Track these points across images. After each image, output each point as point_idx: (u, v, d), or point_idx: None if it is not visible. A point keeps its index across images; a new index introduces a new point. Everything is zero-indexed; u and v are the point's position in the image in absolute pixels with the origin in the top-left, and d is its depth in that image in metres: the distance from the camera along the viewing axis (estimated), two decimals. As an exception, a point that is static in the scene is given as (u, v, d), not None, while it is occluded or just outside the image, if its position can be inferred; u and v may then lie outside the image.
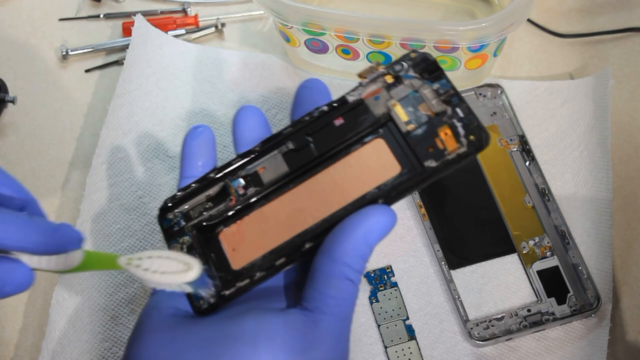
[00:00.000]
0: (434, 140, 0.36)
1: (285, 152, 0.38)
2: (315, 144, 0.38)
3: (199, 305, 0.36)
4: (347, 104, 0.38)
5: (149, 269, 0.34)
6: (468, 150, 0.35)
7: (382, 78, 0.39)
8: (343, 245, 0.33)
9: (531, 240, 0.52)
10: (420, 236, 0.53)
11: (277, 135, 0.39)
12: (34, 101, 0.60)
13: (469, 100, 0.57)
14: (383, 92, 0.38)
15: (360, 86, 0.39)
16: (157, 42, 0.60)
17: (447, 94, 0.37)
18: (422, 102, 0.37)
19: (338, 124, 0.38)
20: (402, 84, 0.38)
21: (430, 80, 0.38)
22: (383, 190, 0.36)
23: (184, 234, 0.38)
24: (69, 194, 0.56)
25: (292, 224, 0.37)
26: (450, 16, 0.62)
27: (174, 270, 0.34)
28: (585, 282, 0.50)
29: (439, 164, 0.35)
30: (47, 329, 0.50)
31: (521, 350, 0.49)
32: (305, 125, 0.39)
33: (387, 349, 0.49)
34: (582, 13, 0.63)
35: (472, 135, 0.35)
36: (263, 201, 0.38)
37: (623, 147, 0.56)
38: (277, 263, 0.36)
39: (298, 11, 0.52)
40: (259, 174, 0.38)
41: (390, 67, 0.39)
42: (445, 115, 0.36)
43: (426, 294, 0.51)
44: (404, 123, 0.37)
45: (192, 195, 0.39)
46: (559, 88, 0.58)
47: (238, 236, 0.38)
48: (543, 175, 0.54)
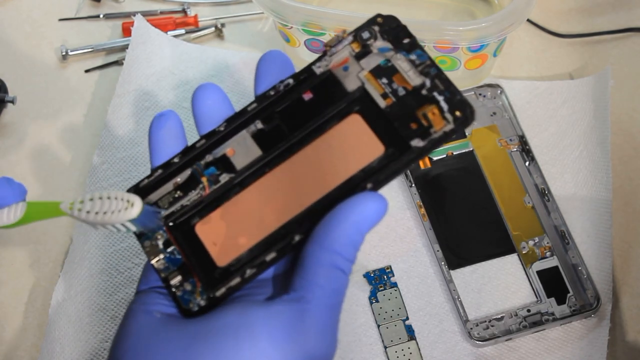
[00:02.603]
0: (416, 116, 0.33)
1: (254, 133, 0.35)
2: (285, 122, 0.35)
3: (187, 308, 0.34)
4: (315, 76, 0.36)
5: (91, 211, 0.33)
6: (455, 127, 0.33)
7: (349, 46, 0.36)
8: (334, 234, 0.32)
9: (531, 241, 0.52)
10: (420, 236, 0.53)
11: (242, 112, 0.36)
12: (34, 101, 0.60)
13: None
14: (351, 62, 0.35)
15: (326, 56, 0.36)
16: (157, 42, 0.60)
17: (423, 64, 0.34)
18: (395, 72, 0.35)
19: (307, 98, 0.35)
20: (371, 52, 0.35)
21: (402, 49, 0.35)
22: (370, 174, 0.33)
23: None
24: (69, 194, 0.56)
25: (274, 212, 0.34)
26: (450, 16, 0.62)
27: (117, 209, 0.32)
28: (585, 282, 0.50)
29: (426, 143, 0.33)
30: (47, 329, 0.50)
31: (521, 350, 0.49)
32: (271, 101, 0.36)
33: (387, 349, 0.49)
34: (582, 13, 0.63)
35: (457, 111, 0.33)
36: (238, 188, 0.35)
37: (623, 147, 0.56)
38: (267, 258, 0.34)
39: (298, 11, 0.52)
40: (229, 157, 0.35)
41: (357, 34, 0.36)
42: (424, 88, 0.34)
43: (426, 294, 0.51)
44: (380, 96, 0.34)
45: (158, 184, 0.36)
46: (559, 88, 0.58)
47: (217, 228, 0.35)
48: (543, 175, 0.54)
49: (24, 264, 0.54)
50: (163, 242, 0.35)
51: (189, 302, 0.34)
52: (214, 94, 0.37)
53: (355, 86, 0.35)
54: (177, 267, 0.34)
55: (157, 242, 0.35)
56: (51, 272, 0.54)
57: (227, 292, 0.34)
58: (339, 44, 0.36)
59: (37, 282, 0.53)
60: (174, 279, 0.34)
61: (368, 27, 0.36)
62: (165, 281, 0.34)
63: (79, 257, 0.53)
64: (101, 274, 0.52)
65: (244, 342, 0.30)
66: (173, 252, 0.35)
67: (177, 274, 0.34)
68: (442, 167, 0.55)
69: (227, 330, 0.31)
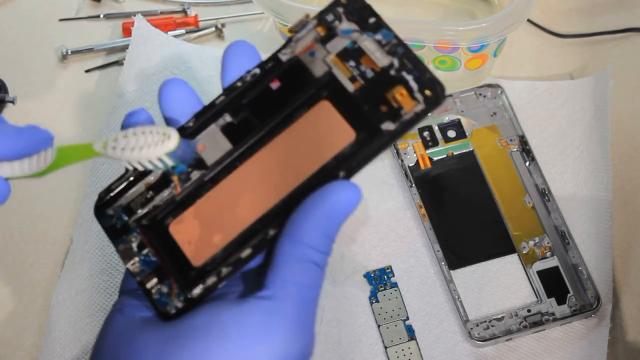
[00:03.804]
0: (385, 98, 0.32)
1: (223, 126, 0.34)
2: (254, 113, 0.34)
3: (165, 310, 0.33)
4: (281, 64, 0.35)
5: (126, 148, 0.32)
6: (426, 107, 0.32)
7: (314, 30, 0.35)
8: (305, 226, 0.31)
9: (531, 241, 0.52)
10: (420, 236, 0.53)
11: (211, 106, 0.35)
12: (34, 101, 0.60)
13: (469, 101, 0.57)
14: (318, 47, 0.34)
15: (291, 42, 0.35)
16: (157, 43, 0.60)
17: (390, 44, 0.33)
18: (363, 54, 0.33)
19: (275, 87, 0.34)
20: (337, 35, 0.34)
21: (369, 30, 0.34)
22: (342, 161, 0.32)
23: (130, 230, 0.34)
24: (69, 194, 0.56)
25: (247, 207, 0.33)
26: (450, 16, 0.62)
27: (154, 142, 0.31)
28: (585, 282, 0.50)
29: (397, 126, 0.32)
30: (47, 329, 0.50)
31: (521, 350, 0.49)
32: (239, 92, 0.35)
33: (387, 349, 0.49)
34: (582, 13, 0.63)
35: (427, 90, 0.32)
36: (210, 184, 0.34)
37: (623, 147, 0.56)
38: (243, 255, 0.33)
39: (298, 11, 0.52)
40: (199, 153, 0.34)
41: (322, 17, 0.35)
42: (393, 68, 0.33)
43: (426, 294, 0.51)
44: (348, 80, 0.33)
45: (129, 186, 0.35)
46: (559, 88, 0.58)
47: (191, 227, 0.34)
48: (543, 175, 0.54)
49: (24, 264, 0.54)
50: (137, 245, 0.34)
51: (166, 305, 0.33)
52: (180, 88, 0.36)
53: (323, 71, 0.34)
54: (153, 270, 0.34)
55: (131, 244, 0.34)
56: (51, 272, 0.54)
57: (204, 293, 0.33)
58: (303, 28, 0.35)
59: (37, 282, 0.53)
60: (149, 282, 0.33)
61: (332, 10, 0.35)
62: (142, 284, 0.34)
63: (79, 257, 0.53)
64: (101, 274, 0.52)
65: (215, 344, 0.30)
66: (148, 255, 0.34)
67: (152, 276, 0.33)
68: (443, 167, 0.55)
69: (198, 332, 0.30)
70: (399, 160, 0.55)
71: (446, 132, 0.56)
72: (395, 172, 0.55)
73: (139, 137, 0.32)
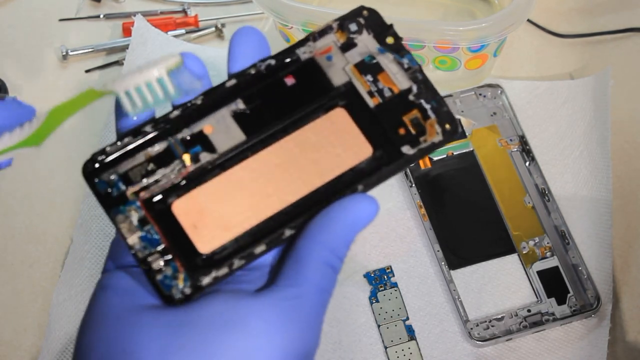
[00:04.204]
0: (403, 122, 0.32)
1: (234, 112, 0.33)
2: (267, 105, 0.33)
3: (170, 294, 0.30)
4: (298, 61, 0.34)
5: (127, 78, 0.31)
6: (443, 139, 0.32)
7: (334, 35, 0.34)
8: (331, 232, 0.31)
9: (531, 241, 0.52)
10: (420, 236, 0.53)
11: (221, 87, 0.33)
12: (34, 101, 0.60)
13: (469, 101, 0.57)
14: (335, 52, 0.34)
15: (309, 40, 0.34)
16: (157, 43, 0.60)
17: (412, 69, 0.33)
18: (381, 71, 0.33)
19: (290, 83, 0.33)
20: (356, 46, 0.34)
21: (389, 49, 0.33)
22: (360, 175, 0.32)
23: (129, 202, 0.32)
24: (69, 194, 0.56)
25: (261, 199, 0.32)
26: (450, 16, 0.62)
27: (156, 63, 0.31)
28: (585, 282, 0.50)
29: (415, 151, 0.32)
30: (47, 329, 0.50)
31: (521, 350, 0.49)
32: (252, 79, 0.33)
33: (387, 349, 0.49)
34: (582, 13, 0.63)
35: (447, 124, 0.32)
36: (219, 170, 0.32)
37: (623, 147, 0.56)
38: (256, 251, 0.32)
39: (298, 11, 0.52)
40: (207, 135, 0.33)
41: (343, 24, 0.34)
42: (412, 93, 0.33)
43: (426, 294, 0.51)
44: (367, 94, 0.33)
45: (128, 152, 0.32)
46: (559, 88, 0.58)
47: (196, 210, 0.32)
48: (543, 175, 0.54)
49: (24, 264, 0.54)
50: (138, 219, 0.32)
51: (170, 288, 0.31)
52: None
53: (342, 79, 0.33)
54: (156, 248, 0.31)
55: (131, 218, 0.32)
56: (51, 272, 0.54)
57: (213, 282, 0.31)
58: (326, 33, 0.34)
59: (37, 282, 0.53)
60: (154, 261, 0.31)
61: (354, 18, 0.34)
62: (143, 262, 0.31)
63: (79, 257, 0.53)
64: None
65: (236, 333, 0.29)
66: (150, 231, 0.31)
67: (156, 255, 0.31)
68: (443, 167, 0.55)
69: (215, 322, 0.29)
70: (399, 160, 0.55)
71: (446, 132, 0.56)
72: (395, 172, 0.55)
73: (141, 69, 0.31)
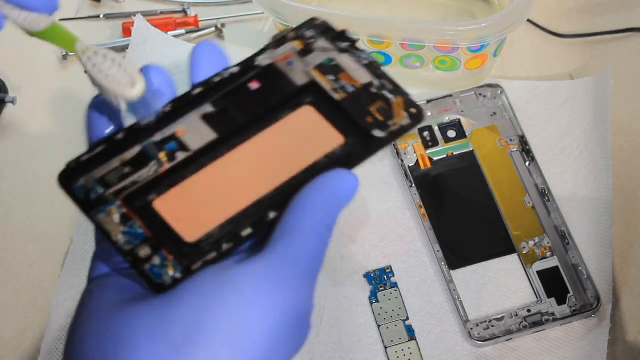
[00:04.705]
0: (370, 111, 0.34)
1: (204, 115, 0.34)
2: (236, 107, 0.35)
3: (161, 281, 0.31)
4: (260, 67, 0.36)
5: (97, 66, 0.32)
6: (411, 122, 0.34)
7: (292, 43, 0.36)
8: (313, 203, 0.32)
9: (531, 241, 0.52)
10: (420, 236, 0.53)
11: (189, 95, 0.35)
12: (34, 101, 0.60)
13: (469, 101, 0.57)
14: (295, 57, 0.36)
15: (268, 49, 0.36)
16: (157, 43, 0.60)
17: (368, 64, 0.35)
18: (341, 71, 0.35)
19: (254, 87, 0.35)
20: (314, 51, 0.36)
21: (345, 50, 0.36)
22: (335, 160, 0.33)
23: (108, 202, 0.32)
24: (69, 194, 0.56)
25: (241, 190, 0.33)
26: (450, 16, 0.62)
27: (120, 79, 0.32)
28: (585, 282, 0.50)
29: (386, 134, 0.33)
30: (47, 330, 0.50)
31: (521, 350, 0.49)
32: (218, 85, 0.35)
33: (387, 349, 0.49)
34: (582, 13, 0.63)
35: (411, 109, 0.34)
36: (196, 167, 0.33)
37: (623, 147, 0.56)
38: (243, 234, 0.32)
39: (298, 11, 0.52)
40: (179, 137, 0.34)
41: (298, 32, 0.36)
42: (374, 86, 0.35)
43: (426, 295, 0.51)
44: (332, 90, 0.35)
45: (103, 158, 0.34)
46: (559, 88, 0.58)
47: (179, 205, 0.33)
48: (543, 175, 0.54)
49: (24, 264, 0.54)
50: (120, 216, 0.32)
51: (161, 276, 0.31)
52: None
53: (304, 79, 0.35)
54: (141, 241, 0.32)
55: (112, 216, 0.32)
56: (51, 272, 0.54)
57: (203, 266, 0.31)
58: (283, 43, 0.36)
59: (37, 282, 0.53)
60: (141, 251, 0.31)
61: (308, 28, 0.36)
62: (130, 255, 0.31)
63: (79, 257, 0.53)
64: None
65: (224, 298, 0.28)
66: (133, 226, 0.32)
67: (143, 246, 0.31)
68: (443, 167, 0.55)
69: (205, 289, 0.29)
70: (399, 160, 0.55)
71: (446, 132, 0.56)
72: (395, 172, 0.55)
73: (112, 66, 0.32)
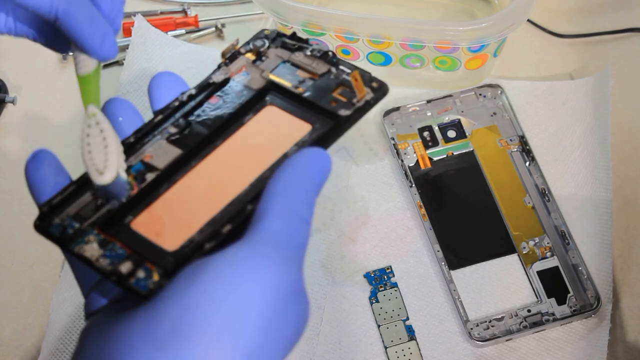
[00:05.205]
0: (333, 96, 0.35)
1: (169, 137, 0.35)
2: (199, 123, 0.35)
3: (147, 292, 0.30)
4: (216, 84, 0.36)
5: (88, 137, 0.34)
6: (375, 96, 0.34)
7: (244, 57, 0.37)
8: (286, 181, 0.31)
9: (531, 241, 0.52)
10: (420, 236, 0.53)
11: (151, 122, 0.36)
12: (34, 101, 0.60)
13: (469, 101, 0.57)
14: (250, 68, 0.36)
15: (223, 66, 0.37)
16: (157, 43, 0.60)
17: (324, 56, 0.36)
18: (298, 68, 0.36)
19: (214, 102, 0.36)
20: (268, 57, 0.37)
21: (297, 50, 0.36)
22: (305, 146, 0.33)
23: (86, 233, 0.32)
24: (69, 194, 0.56)
25: (215, 196, 0.33)
26: (450, 16, 0.62)
27: (95, 162, 0.33)
28: (585, 282, 0.50)
29: (352, 111, 0.34)
30: (47, 329, 0.50)
31: (521, 350, 0.49)
32: (178, 108, 0.36)
33: (387, 349, 0.49)
34: (582, 13, 0.63)
35: (373, 83, 0.34)
36: (167, 184, 0.34)
37: (623, 147, 0.56)
38: (224, 230, 0.32)
39: (298, 11, 0.52)
40: (147, 162, 0.34)
41: (249, 44, 0.37)
42: (331, 74, 0.35)
43: (426, 295, 0.51)
44: (292, 88, 0.35)
45: (73, 197, 0.34)
46: (559, 88, 0.58)
47: (155, 221, 0.33)
48: (543, 175, 0.54)
49: (24, 264, 0.54)
50: (99, 243, 0.32)
51: (147, 287, 0.30)
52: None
53: (263, 84, 0.36)
54: (123, 259, 0.32)
55: (91, 244, 0.32)
56: (51, 272, 0.54)
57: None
58: (236, 57, 0.37)
59: (37, 282, 0.53)
60: (124, 267, 0.31)
61: (257, 39, 0.37)
62: (114, 274, 0.31)
63: (79, 257, 0.53)
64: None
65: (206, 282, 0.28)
66: (113, 248, 0.32)
67: (125, 263, 0.31)
68: (443, 167, 0.55)
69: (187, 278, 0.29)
70: (399, 160, 0.55)
71: (446, 132, 0.56)
72: (395, 172, 0.55)
73: (99, 147, 0.34)
